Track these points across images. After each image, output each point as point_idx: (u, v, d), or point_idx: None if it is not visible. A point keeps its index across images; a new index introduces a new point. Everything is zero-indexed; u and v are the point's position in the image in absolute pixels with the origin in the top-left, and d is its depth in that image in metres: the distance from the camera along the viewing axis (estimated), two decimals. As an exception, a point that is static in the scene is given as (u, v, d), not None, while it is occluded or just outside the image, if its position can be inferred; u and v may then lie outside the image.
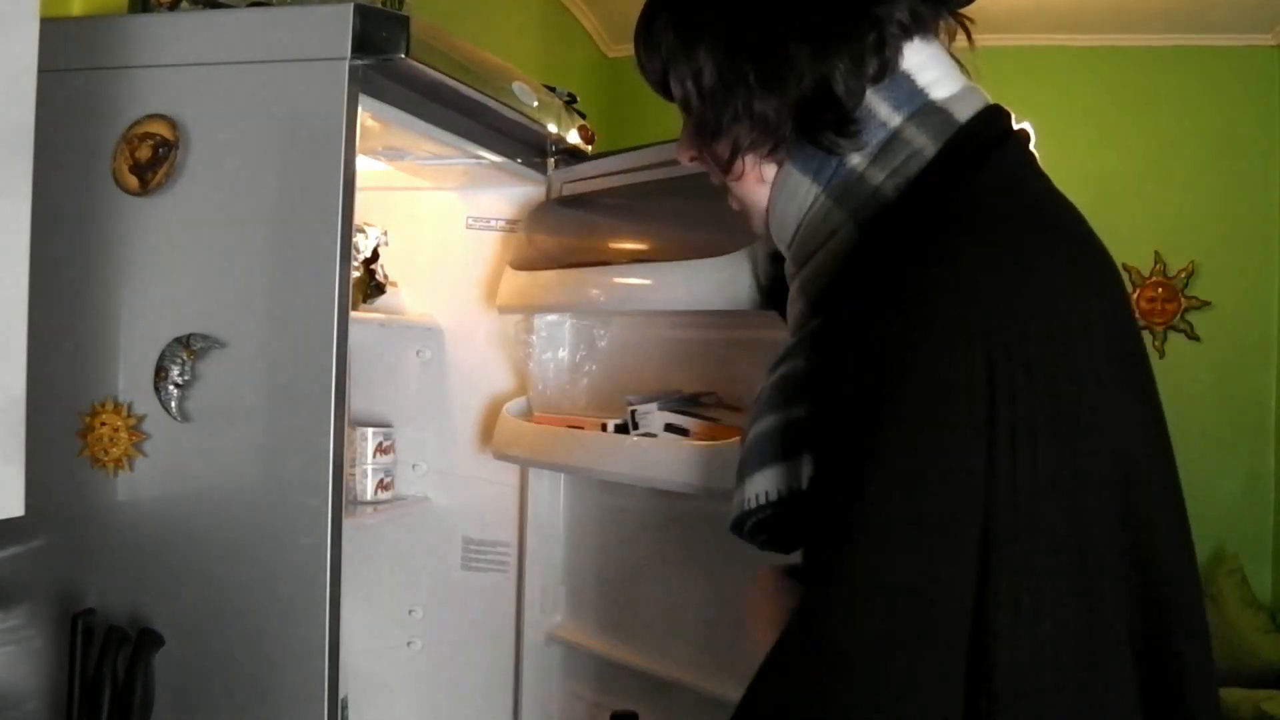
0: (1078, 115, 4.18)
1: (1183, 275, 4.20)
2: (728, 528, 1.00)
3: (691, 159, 1.03)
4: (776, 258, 1.07)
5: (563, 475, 1.98)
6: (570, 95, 1.99)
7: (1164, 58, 4.24)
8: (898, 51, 0.91)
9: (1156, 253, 4.16)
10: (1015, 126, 0.96)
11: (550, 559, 1.99)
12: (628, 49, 5.15)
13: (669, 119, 1.07)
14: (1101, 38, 4.20)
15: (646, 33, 0.99)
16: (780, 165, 0.95)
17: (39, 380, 1.06)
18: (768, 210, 0.98)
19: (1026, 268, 0.82)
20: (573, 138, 1.96)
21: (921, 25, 0.92)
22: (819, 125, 0.91)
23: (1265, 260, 4.19)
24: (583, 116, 2.02)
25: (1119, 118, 4.23)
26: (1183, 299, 4.22)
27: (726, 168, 0.97)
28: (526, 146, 1.91)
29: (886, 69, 0.91)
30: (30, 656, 1.41)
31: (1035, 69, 4.17)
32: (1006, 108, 0.96)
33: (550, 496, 1.99)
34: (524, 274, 1.88)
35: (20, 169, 1.00)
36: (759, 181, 0.97)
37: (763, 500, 0.94)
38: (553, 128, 1.88)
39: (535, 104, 1.77)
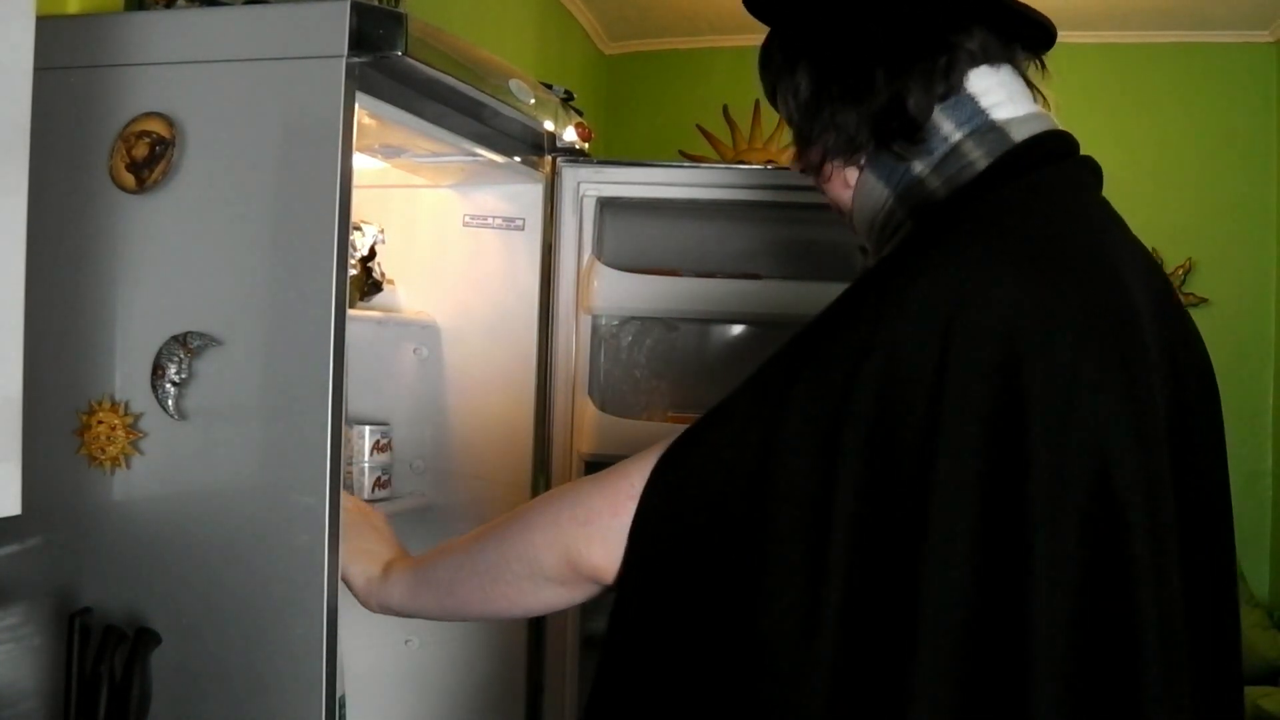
0: (1075, 112, 4.18)
1: (1180, 272, 4.20)
2: None
3: (800, 170, 1.16)
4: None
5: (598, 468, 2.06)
6: (567, 93, 1.99)
7: (1161, 54, 4.25)
8: (964, 75, 1.04)
9: (1154, 250, 4.17)
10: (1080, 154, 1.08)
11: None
12: (624, 46, 5.15)
13: (664, 118, 1.15)
14: (1099, 34, 4.20)
15: (764, 54, 1.14)
16: (860, 171, 1.09)
17: (35, 378, 1.06)
18: (852, 210, 1.12)
19: (992, 273, 0.92)
20: (569, 135, 1.96)
21: (991, 55, 1.05)
22: (891, 135, 1.04)
23: (1263, 257, 4.20)
24: (580, 114, 2.02)
25: (1116, 114, 4.24)
26: (1180, 296, 4.23)
27: (817, 171, 1.12)
28: (524, 144, 1.91)
29: (953, 90, 1.03)
30: (27, 655, 1.40)
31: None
32: (1069, 135, 1.08)
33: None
34: (629, 276, 2.00)
35: (16, 167, 1.00)
36: (844, 186, 1.11)
37: None
38: (549, 125, 1.88)
39: (532, 101, 1.77)
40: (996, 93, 1.05)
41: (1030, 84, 1.12)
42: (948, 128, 1.04)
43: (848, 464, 0.89)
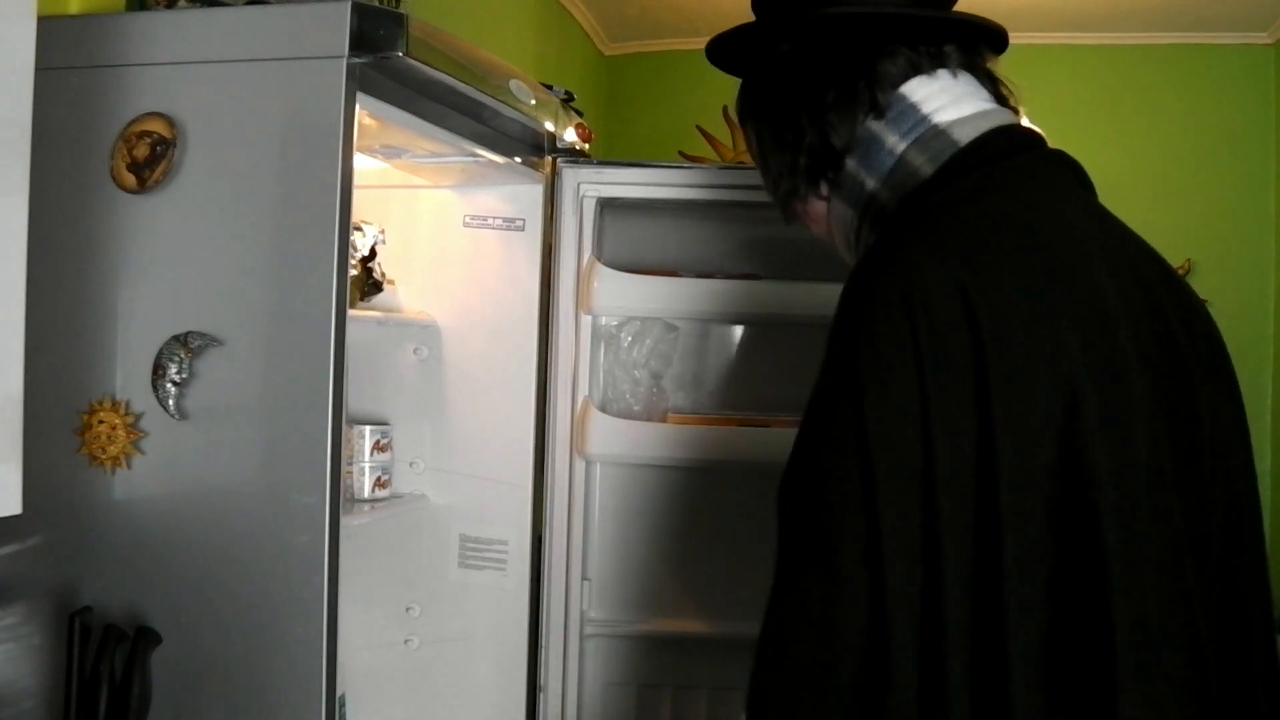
0: (1074, 113, 4.19)
1: (1179, 273, 4.20)
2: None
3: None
4: None
5: (598, 467, 2.08)
6: (567, 93, 2.00)
7: (1160, 56, 4.25)
8: (894, 91, 1.07)
9: (1153, 251, 4.16)
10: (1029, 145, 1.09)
11: (578, 553, 2.03)
12: (624, 47, 5.13)
13: (664, 119, 1.19)
14: (1097, 36, 4.20)
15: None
16: (828, 201, 1.14)
17: (36, 378, 1.06)
18: (833, 237, 1.17)
19: (939, 260, 0.93)
20: (569, 136, 1.96)
21: (920, 66, 1.08)
22: (825, 168, 1.10)
23: (1262, 258, 4.19)
24: (580, 115, 2.02)
25: (1115, 116, 4.24)
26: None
27: (784, 215, 1.20)
28: (524, 145, 1.91)
29: (884, 108, 1.07)
30: (27, 655, 1.41)
31: (1031, 67, 4.16)
32: (1027, 129, 1.10)
33: (580, 490, 2.02)
34: (629, 276, 2.01)
35: (18, 167, 1.01)
36: (813, 221, 1.18)
37: None
38: (550, 126, 1.88)
39: (533, 102, 1.77)
40: (938, 98, 1.07)
41: (994, 80, 1.13)
42: (892, 140, 1.07)
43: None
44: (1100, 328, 0.94)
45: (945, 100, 1.07)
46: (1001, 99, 1.12)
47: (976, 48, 1.12)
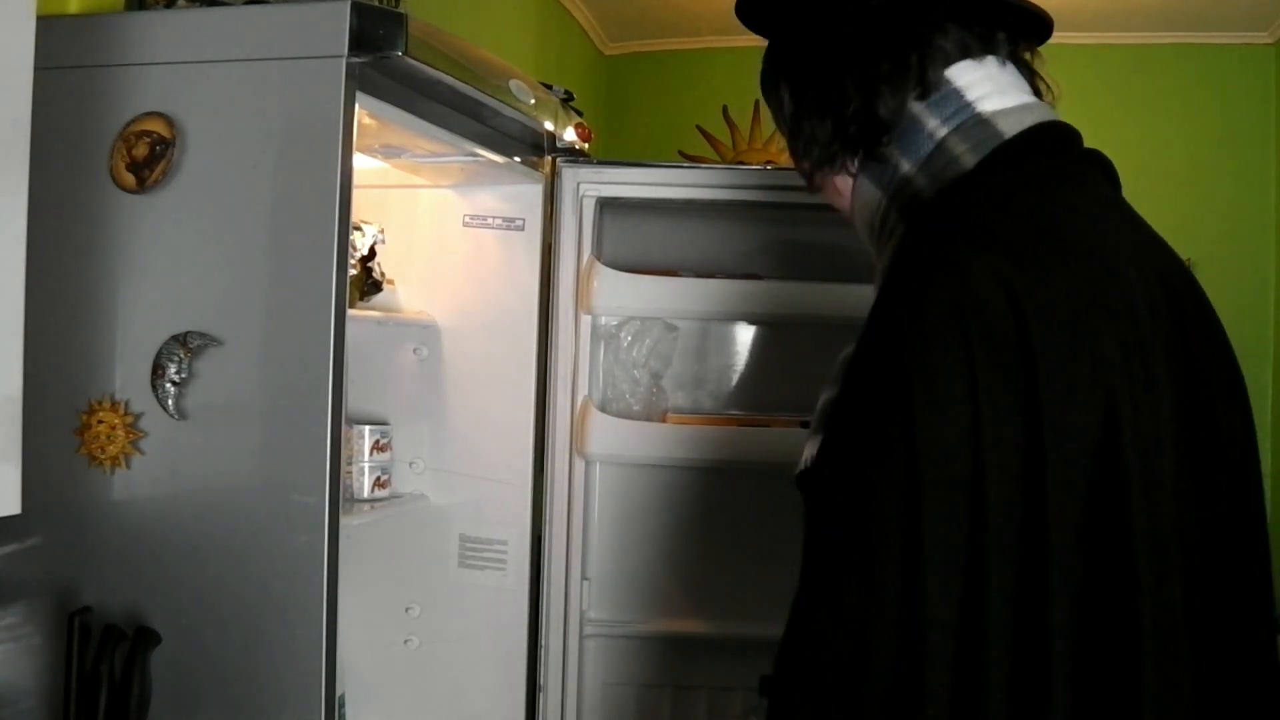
0: (1074, 113, 4.16)
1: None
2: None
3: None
4: None
5: (598, 467, 2.08)
6: (567, 93, 2.00)
7: (1161, 55, 4.25)
8: (943, 72, 1.03)
9: (1154, 251, 4.16)
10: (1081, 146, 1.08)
11: (577, 553, 2.03)
12: (624, 47, 5.12)
13: (664, 119, 1.15)
14: (1098, 35, 4.21)
15: (761, 74, 1.15)
16: (854, 178, 1.09)
17: (36, 378, 1.06)
18: (852, 215, 1.12)
19: (988, 262, 0.90)
20: (569, 135, 1.96)
21: (971, 49, 1.04)
22: (869, 140, 1.04)
23: (1262, 257, 4.19)
24: (579, 114, 2.02)
25: (1116, 115, 4.24)
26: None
27: (808, 183, 1.14)
28: (524, 144, 1.91)
29: (930, 88, 1.03)
30: (27, 654, 1.41)
31: (1032, 67, 4.17)
32: (1068, 126, 1.07)
33: (580, 490, 2.03)
34: (628, 276, 2.01)
35: (17, 167, 1.01)
36: (838, 194, 1.12)
37: (805, 465, 1.02)
38: (549, 125, 1.88)
39: (532, 102, 1.77)
40: (983, 85, 1.03)
41: (1033, 73, 1.10)
42: (932, 124, 1.03)
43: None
44: (1134, 335, 0.93)
45: (989, 89, 1.03)
46: (1038, 94, 1.09)
47: (1024, 38, 1.09)
